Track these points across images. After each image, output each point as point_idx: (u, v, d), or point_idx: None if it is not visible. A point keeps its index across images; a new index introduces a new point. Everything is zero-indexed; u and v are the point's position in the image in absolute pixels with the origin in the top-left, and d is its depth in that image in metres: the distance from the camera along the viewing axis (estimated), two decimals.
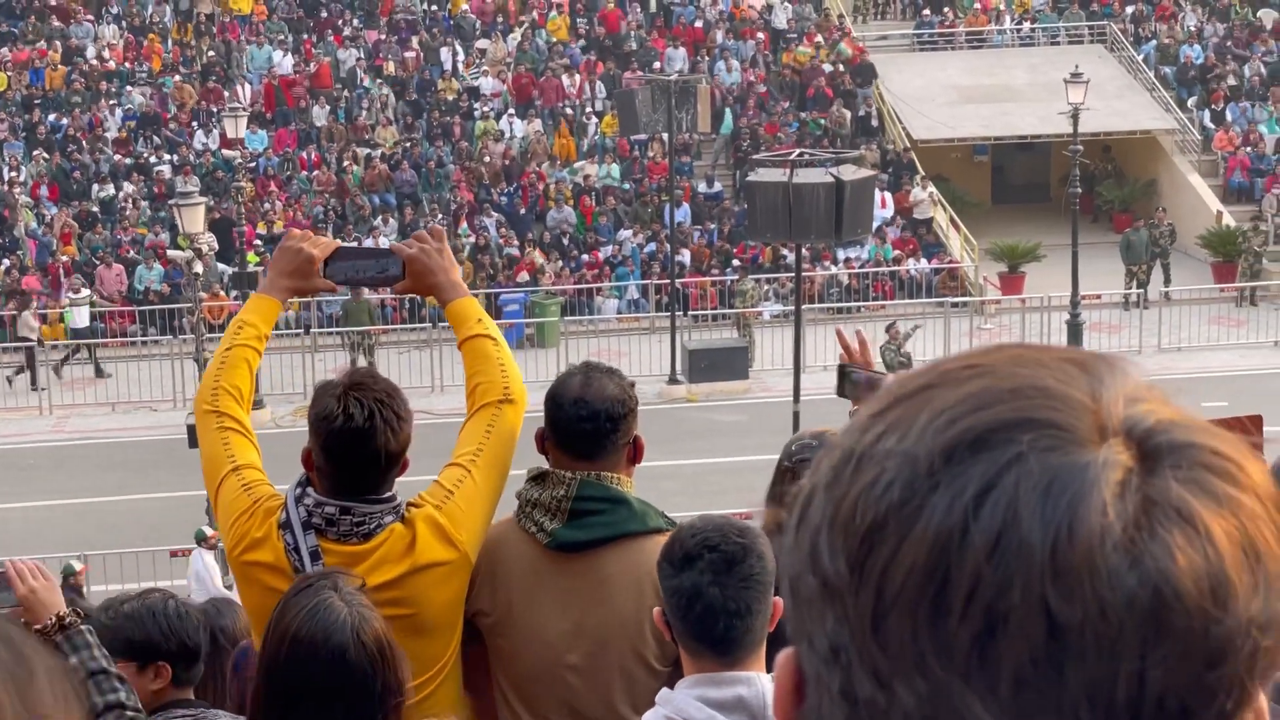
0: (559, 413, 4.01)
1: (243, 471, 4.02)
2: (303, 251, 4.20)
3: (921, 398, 0.99)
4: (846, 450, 1.00)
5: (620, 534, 4.01)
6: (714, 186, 36.99)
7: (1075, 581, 0.91)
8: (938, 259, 35.13)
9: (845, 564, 0.97)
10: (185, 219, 27.31)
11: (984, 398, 0.96)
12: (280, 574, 3.86)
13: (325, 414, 3.84)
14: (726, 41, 40.30)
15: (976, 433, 0.95)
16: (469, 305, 4.23)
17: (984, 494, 0.93)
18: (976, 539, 0.93)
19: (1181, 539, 0.92)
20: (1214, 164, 38.51)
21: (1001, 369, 0.98)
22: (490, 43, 40.30)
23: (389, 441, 3.82)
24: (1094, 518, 0.91)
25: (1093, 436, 0.94)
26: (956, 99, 39.29)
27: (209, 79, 38.99)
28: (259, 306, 4.25)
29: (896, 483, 0.96)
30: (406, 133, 38.12)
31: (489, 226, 34.96)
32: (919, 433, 0.96)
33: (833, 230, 22.24)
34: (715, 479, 21.58)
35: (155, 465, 25.53)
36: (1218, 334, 32.28)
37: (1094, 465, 0.93)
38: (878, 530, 0.95)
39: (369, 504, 3.88)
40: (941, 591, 0.93)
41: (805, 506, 1.01)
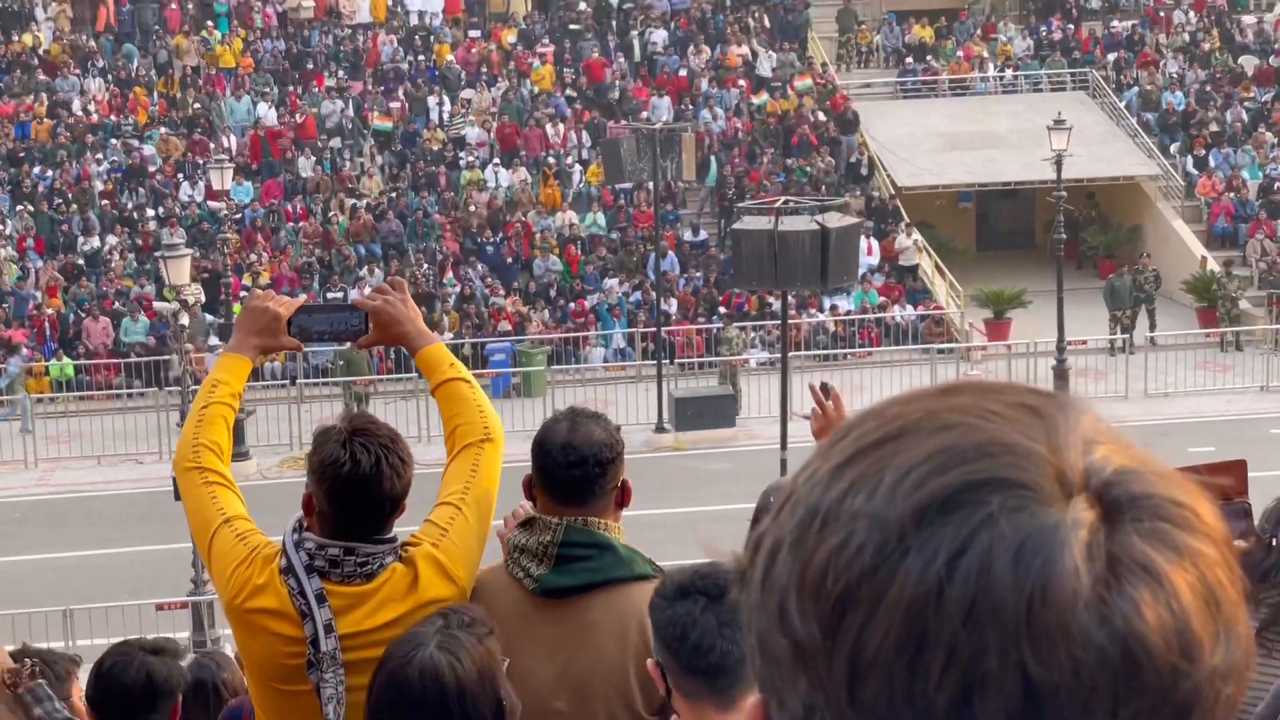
0: (546, 459, 4.01)
1: (234, 523, 4.04)
2: (268, 310, 4.26)
3: (885, 451, 0.99)
4: (810, 507, 1.00)
5: (606, 580, 4.00)
6: (699, 234, 37.08)
7: (1050, 643, 0.92)
8: (923, 305, 35.20)
9: (818, 628, 0.97)
10: (171, 271, 27.30)
11: (949, 456, 0.97)
12: (286, 619, 3.89)
13: (331, 460, 3.86)
14: (710, 90, 40.48)
15: (945, 494, 0.95)
16: (439, 351, 4.27)
17: (957, 558, 0.94)
18: (952, 604, 0.93)
19: (1148, 595, 0.93)
20: (1198, 210, 38.67)
21: (961, 422, 0.99)
22: (475, 93, 40.44)
23: (394, 486, 3.87)
24: (1066, 579, 0.92)
25: (1056, 493, 0.95)
26: (940, 146, 39.46)
27: (194, 131, 39.06)
28: (230, 365, 4.30)
29: (868, 546, 0.95)
30: (392, 183, 38.19)
31: (474, 276, 34.99)
32: (887, 493, 0.96)
33: (818, 277, 22.29)
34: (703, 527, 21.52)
35: (141, 518, 25.42)
36: (1203, 379, 32.34)
37: (1062, 526, 0.94)
38: (850, 595, 0.95)
39: (373, 544, 3.93)
40: (918, 656, 0.93)
41: (769, 563, 1.01)
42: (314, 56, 41.55)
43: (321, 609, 3.86)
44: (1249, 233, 37.16)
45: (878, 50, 43.83)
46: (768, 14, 43.09)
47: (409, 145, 39.30)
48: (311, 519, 3.96)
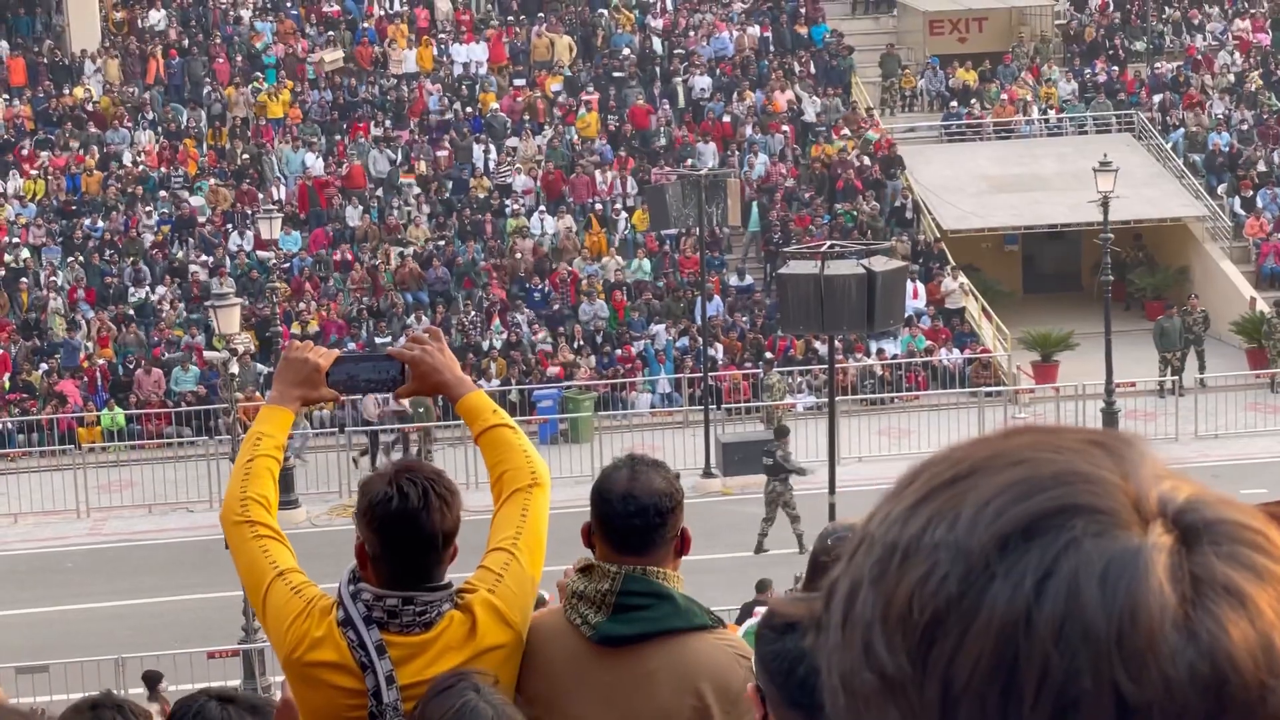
0: (606, 508, 4.00)
1: (288, 575, 4.05)
2: (309, 361, 4.28)
3: (960, 488, 1.01)
4: (889, 545, 1.01)
5: (664, 630, 3.99)
6: (745, 279, 37.12)
7: (1142, 662, 0.94)
8: (970, 349, 35.12)
9: (906, 659, 0.98)
10: (221, 320, 27.52)
11: (1027, 486, 0.99)
12: (346, 672, 3.89)
13: (379, 498, 3.87)
14: (755, 136, 40.59)
15: (1027, 521, 0.97)
16: (480, 398, 4.28)
17: (1044, 581, 0.96)
18: (1042, 626, 0.95)
19: (1232, 613, 0.95)
20: (1246, 250, 38.49)
21: (1033, 456, 1.01)
22: (521, 141, 40.68)
23: (443, 519, 3.86)
24: (1153, 599, 0.95)
25: (1134, 519, 0.98)
26: (986, 189, 39.43)
27: (243, 181, 39.41)
28: (273, 417, 4.31)
29: (952, 575, 0.97)
30: (439, 231, 38.41)
31: (521, 323, 35.12)
32: (968, 524, 0.98)
33: (865, 321, 22.31)
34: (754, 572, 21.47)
35: (192, 567, 25.55)
36: (1254, 420, 32.11)
37: (1145, 549, 0.96)
38: (939, 623, 0.97)
39: (430, 592, 3.92)
40: (1011, 680, 0.94)
41: (850, 602, 1.02)
42: (360, 106, 41.89)
43: (382, 660, 3.86)
44: None
45: (921, 94, 43.89)
46: (812, 59, 43.21)
47: (457, 193, 39.53)
48: (366, 570, 3.96)
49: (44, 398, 33.04)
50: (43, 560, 27.22)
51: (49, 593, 24.91)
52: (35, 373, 33.72)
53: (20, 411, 32.78)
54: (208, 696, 4.25)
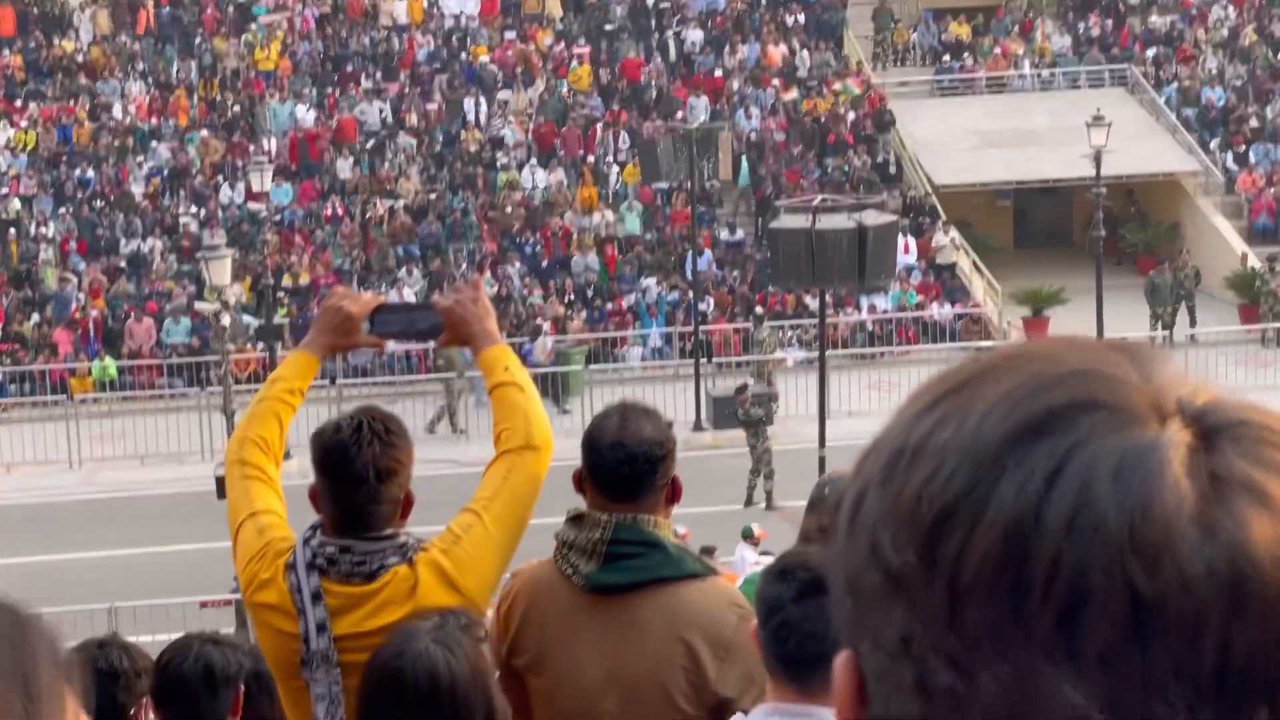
0: (596, 455, 4.00)
1: (259, 516, 4.06)
2: (342, 309, 4.26)
3: (970, 390, 0.99)
4: (896, 448, 0.99)
5: (655, 578, 4.00)
6: (736, 234, 37.11)
7: (1156, 558, 0.92)
8: (961, 304, 35.14)
9: (913, 554, 0.96)
10: (213, 272, 27.49)
11: (1039, 383, 0.97)
12: (285, 615, 3.91)
13: (318, 431, 3.95)
14: (746, 90, 40.48)
15: (1038, 417, 0.95)
16: (497, 354, 4.24)
17: (1055, 475, 0.93)
18: (1052, 520, 0.93)
19: (1253, 510, 0.93)
20: (1238, 206, 38.49)
21: (1047, 356, 0.99)
22: (512, 94, 40.55)
23: (378, 456, 3.85)
24: (1168, 494, 0.92)
25: (1151, 416, 0.95)
26: (978, 144, 39.37)
27: (234, 134, 39.29)
28: (295, 362, 4.34)
29: (961, 471, 0.95)
30: (430, 184, 38.33)
31: (513, 276, 35.10)
32: (977, 421, 0.96)
33: (856, 276, 22.31)
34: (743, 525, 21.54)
35: (184, 518, 25.60)
36: (1245, 375, 32.16)
37: (1160, 444, 0.94)
38: (947, 518, 0.95)
39: (369, 541, 3.89)
40: (1020, 574, 0.93)
41: (857, 505, 1.01)
42: (351, 58, 41.73)
43: (316, 607, 3.86)
44: None
45: (914, 48, 43.75)
46: (804, 13, 43.06)
47: (448, 146, 39.44)
48: (320, 514, 3.98)
49: (35, 348, 33.03)
50: (36, 510, 27.26)
51: (42, 542, 24.97)
52: (27, 324, 33.70)
53: (12, 362, 32.78)
54: (201, 640, 4.30)
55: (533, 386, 4.25)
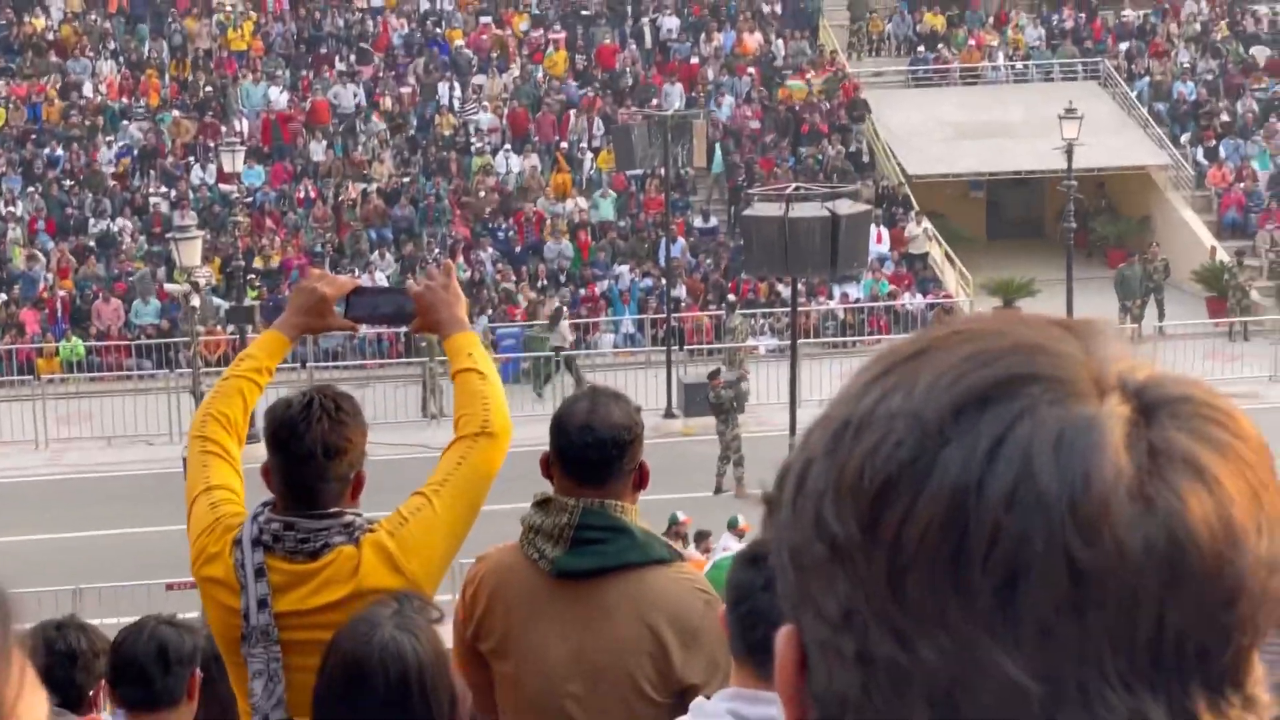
0: (564, 438, 4.00)
1: (214, 491, 4.08)
2: (315, 291, 4.28)
3: (917, 362, 1.00)
4: (843, 419, 1.00)
5: (622, 564, 3.99)
6: (710, 221, 37.09)
7: (1095, 529, 0.93)
8: (933, 294, 35.21)
9: (856, 525, 0.97)
10: (183, 253, 27.37)
11: (984, 356, 0.98)
12: (229, 589, 3.92)
13: (270, 408, 3.99)
14: (722, 78, 40.45)
15: (982, 389, 0.96)
16: (462, 340, 4.26)
17: (997, 447, 0.94)
18: (993, 491, 0.94)
19: (1190, 485, 0.94)
20: (1208, 200, 38.64)
21: (993, 331, 1.00)
22: (487, 78, 40.44)
23: (326, 432, 3.87)
24: (1107, 467, 0.94)
25: (1092, 390, 0.96)
26: (951, 135, 39.43)
27: (206, 114, 39.11)
28: (265, 341, 4.35)
29: (906, 441, 0.96)
30: (403, 168, 38.22)
31: (485, 261, 35.03)
32: (923, 392, 0.97)
33: (828, 264, 22.33)
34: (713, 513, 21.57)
35: (150, 499, 25.49)
36: (1213, 369, 32.30)
37: (1101, 417, 0.95)
38: (890, 489, 0.96)
39: (313, 519, 3.90)
40: (961, 545, 0.94)
41: (802, 476, 1.01)
42: (325, 40, 41.56)
43: (259, 583, 3.87)
44: (1259, 223, 37.14)
45: (889, 39, 43.78)
46: (780, 2, 43.05)
47: (422, 130, 39.32)
48: (272, 490, 4.00)
49: (2, 328, 32.84)
50: (1, 491, 27.11)
51: (7, 523, 24.83)
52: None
53: None
54: (157, 621, 4.28)
55: (495, 373, 4.26)
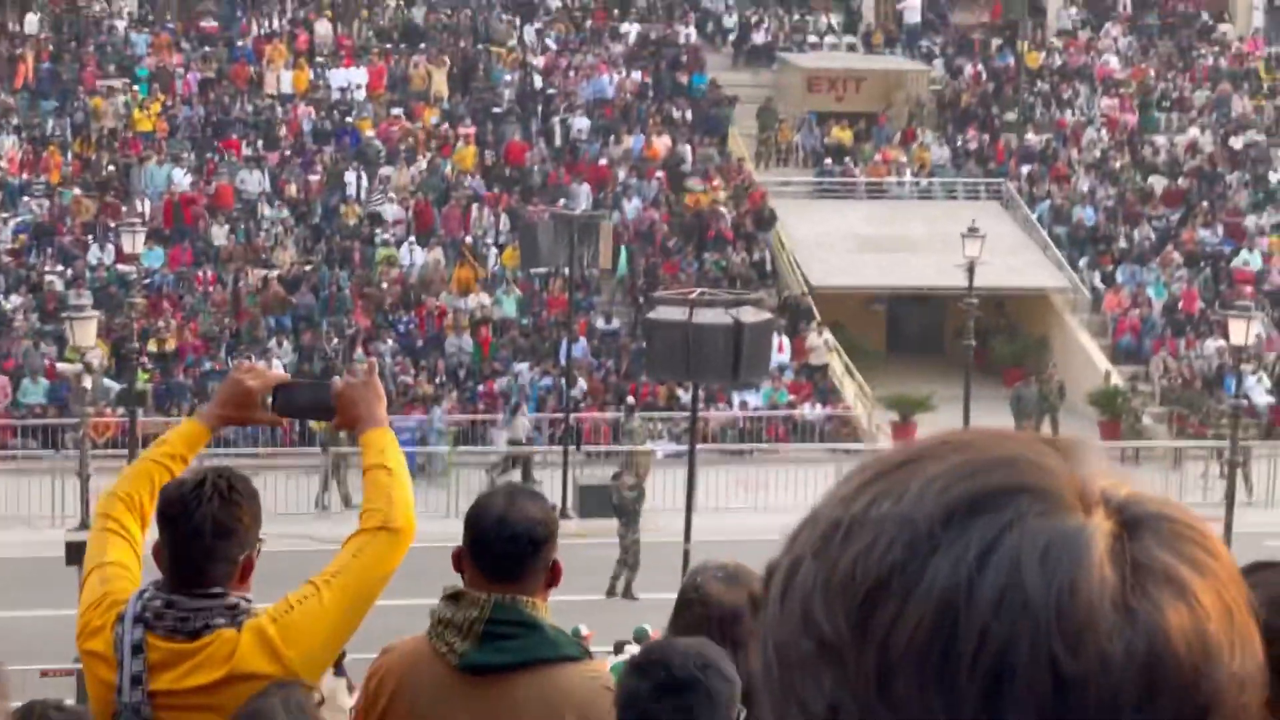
0: (480, 533, 3.98)
1: (107, 567, 4.10)
2: (241, 384, 4.36)
3: (907, 469, 1.03)
4: (833, 520, 1.03)
5: (532, 660, 3.96)
6: (612, 323, 37.09)
7: (1079, 638, 0.96)
8: (832, 405, 35.36)
9: (846, 624, 0.99)
10: (76, 332, 26.91)
11: (974, 467, 1.02)
12: (107, 664, 3.93)
13: (164, 486, 4.05)
14: (630, 180, 40.64)
15: (972, 497, 1.00)
16: (373, 437, 4.31)
17: (986, 554, 0.98)
18: (982, 597, 0.97)
19: (1170, 599, 0.98)
20: (1104, 324, 39.22)
21: (982, 444, 1.04)
22: (395, 170, 40.36)
23: (217, 511, 3.89)
24: (1093, 577, 0.98)
25: (1077, 504, 1.00)
26: (855, 247, 39.82)
27: (107, 194, 38.67)
28: (184, 429, 4.42)
29: (897, 544, 0.99)
30: (306, 255, 37.95)
31: (385, 354, 34.76)
32: (914, 498, 1.01)
33: (731, 372, 22.30)
34: (605, 616, 21.34)
35: (30, 583, 24.87)
36: None
37: (1086, 530, 0.99)
38: (880, 590, 0.99)
39: (194, 599, 3.91)
40: (949, 648, 0.97)
41: (790, 575, 1.03)
42: (233, 125, 41.34)
43: (135, 659, 3.89)
44: (1153, 349, 37.72)
45: (797, 149, 44.27)
46: (691, 108, 43.43)
47: (326, 219, 39.11)
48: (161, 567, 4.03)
49: None
50: None
51: None
52: None
53: None
54: (45, 706, 4.18)
55: (404, 471, 4.31)
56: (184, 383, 33.45)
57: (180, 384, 33.41)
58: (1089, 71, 46.96)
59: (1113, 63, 47.31)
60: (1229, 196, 42.62)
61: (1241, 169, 43.71)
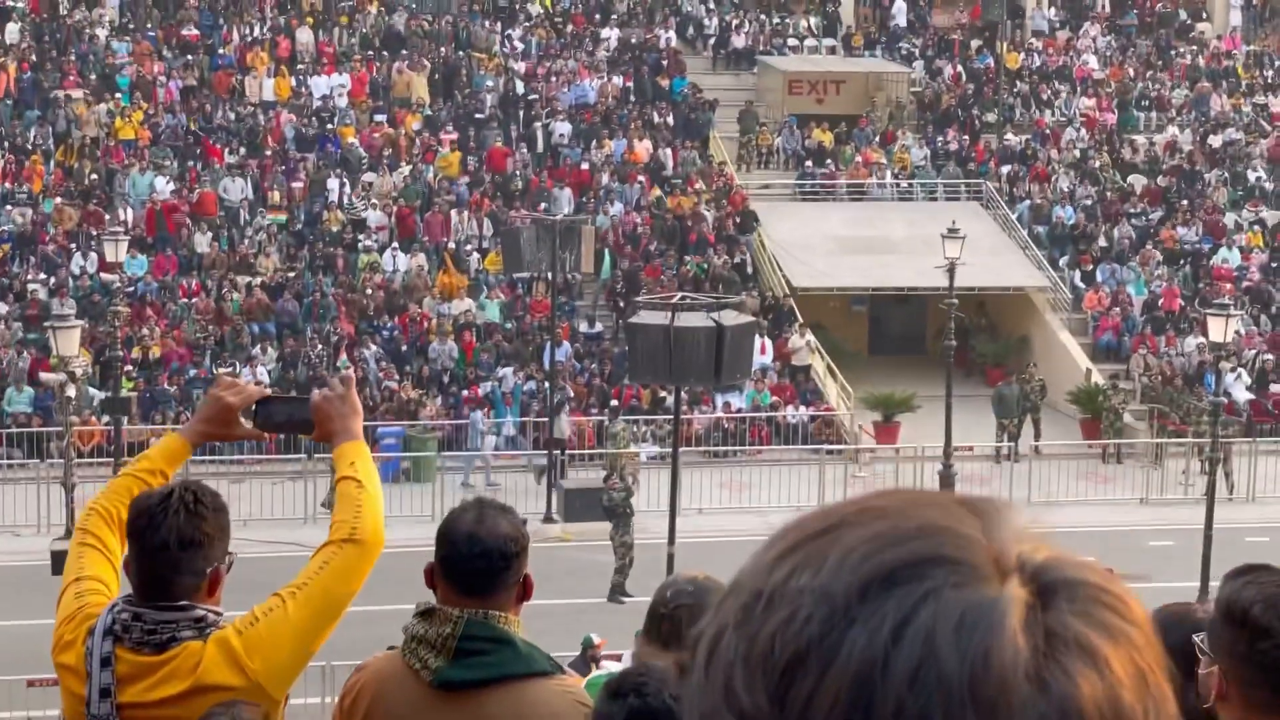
0: (451, 549, 4.00)
1: (83, 582, 4.13)
2: (221, 400, 4.38)
3: (827, 538, 1.04)
4: (754, 590, 1.04)
5: (504, 675, 3.98)
6: (595, 327, 37.19)
7: (993, 708, 0.97)
8: (814, 406, 35.49)
9: (765, 697, 1.00)
10: (60, 342, 26.95)
11: (891, 536, 1.03)
12: (78, 677, 3.96)
13: (134, 499, 4.06)
14: (612, 184, 40.75)
15: (889, 569, 1.01)
16: (345, 449, 4.34)
17: (901, 627, 0.99)
18: (897, 670, 0.98)
19: (1083, 668, 0.99)
20: (1084, 323, 39.39)
21: (900, 511, 1.05)
22: (377, 176, 40.43)
23: (183, 524, 3.92)
24: (1006, 650, 0.98)
25: (993, 573, 1.01)
26: (836, 249, 39.95)
27: (90, 202, 38.69)
28: (165, 444, 4.44)
29: (814, 618, 1.00)
30: (289, 263, 38.00)
31: (369, 359, 34.83)
32: (832, 570, 1.02)
33: (713, 374, 22.43)
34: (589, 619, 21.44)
35: (15, 591, 24.88)
36: (1085, 489, 32.83)
37: (1001, 601, 1.00)
38: (798, 663, 1.00)
39: (160, 611, 3.94)
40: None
41: (714, 645, 1.04)
42: (215, 133, 41.38)
43: (104, 672, 3.92)
44: (1133, 347, 37.90)
45: (778, 152, 44.41)
46: (672, 112, 43.55)
47: (309, 225, 39.17)
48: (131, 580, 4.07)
49: None
50: None
51: None
52: None
53: None
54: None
55: (375, 484, 4.32)
56: (168, 390, 33.49)
57: (165, 391, 33.45)
58: (1068, 72, 47.17)
59: (1091, 63, 47.54)
60: (1208, 194, 42.85)
61: (1220, 167, 43.94)
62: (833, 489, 32.06)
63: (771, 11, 48.42)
